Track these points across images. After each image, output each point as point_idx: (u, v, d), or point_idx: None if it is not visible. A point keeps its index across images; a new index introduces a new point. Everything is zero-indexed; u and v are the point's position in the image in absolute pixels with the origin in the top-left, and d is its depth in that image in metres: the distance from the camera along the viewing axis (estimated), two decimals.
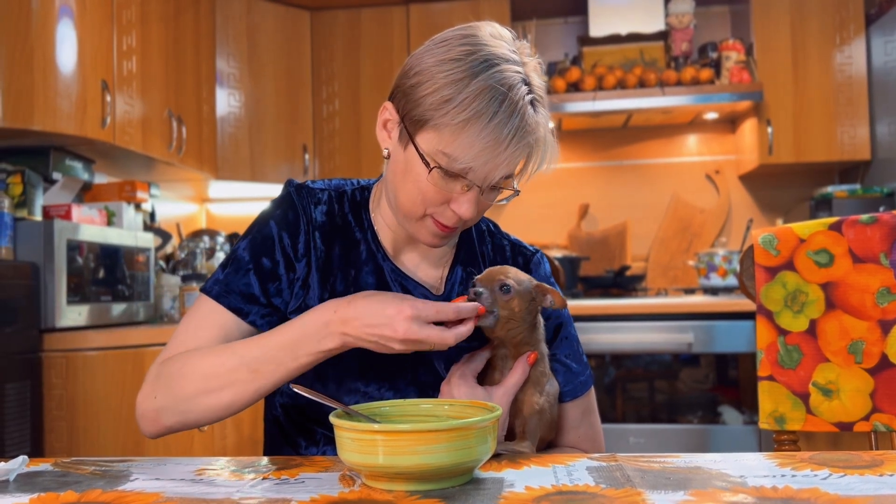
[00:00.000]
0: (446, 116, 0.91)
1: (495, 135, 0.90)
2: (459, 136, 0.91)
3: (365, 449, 0.74)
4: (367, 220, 1.09)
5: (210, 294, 1.04)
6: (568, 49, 3.61)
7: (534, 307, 1.00)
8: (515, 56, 0.95)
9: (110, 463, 0.90)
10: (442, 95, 0.91)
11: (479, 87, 0.90)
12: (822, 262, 1.30)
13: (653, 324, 2.86)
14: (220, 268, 1.07)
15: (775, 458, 0.86)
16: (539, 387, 1.01)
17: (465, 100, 0.90)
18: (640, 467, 0.82)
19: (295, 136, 3.46)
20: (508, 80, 0.91)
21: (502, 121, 0.90)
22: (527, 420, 0.99)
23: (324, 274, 1.06)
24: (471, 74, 0.91)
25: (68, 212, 2.28)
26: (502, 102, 0.90)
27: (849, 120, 3.17)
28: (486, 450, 0.77)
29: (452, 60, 0.92)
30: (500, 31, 0.98)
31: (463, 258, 1.12)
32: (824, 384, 1.27)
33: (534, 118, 0.93)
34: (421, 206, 0.97)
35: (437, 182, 0.94)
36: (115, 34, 2.49)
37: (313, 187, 1.10)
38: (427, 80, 0.93)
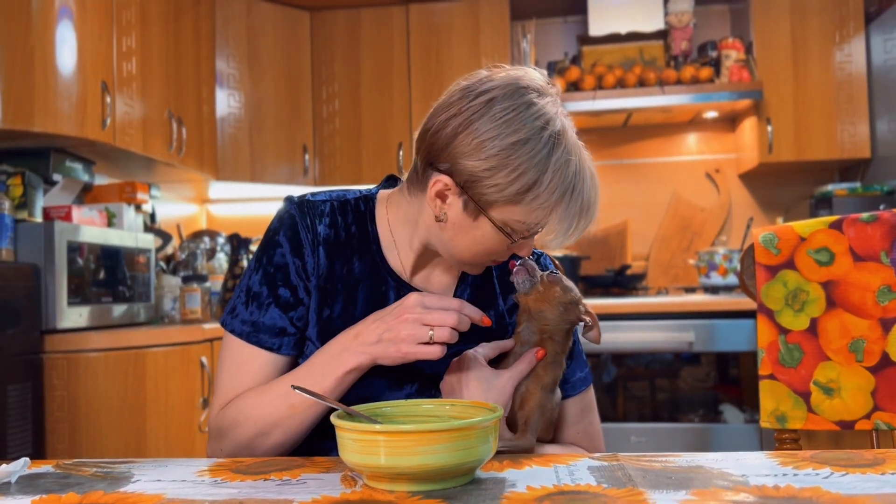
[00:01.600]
0: (535, 198, 0.93)
1: (575, 208, 0.94)
2: (552, 215, 0.95)
3: (366, 449, 0.74)
4: (372, 232, 1.09)
5: (240, 336, 1.05)
6: (567, 48, 3.61)
7: (568, 320, 1.03)
8: (560, 106, 0.98)
9: (112, 464, 0.90)
10: (526, 182, 0.92)
11: (554, 170, 0.93)
12: (822, 261, 1.30)
13: (654, 323, 2.86)
14: (242, 305, 1.07)
15: (777, 457, 0.86)
16: (545, 388, 1.02)
17: (550, 183, 0.93)
18: (642, 467, 0.82)
19: (295, 137, 3.46)
20: (571, 151, 0.94)
21: (579, 194, 0.94)
22: (529, 414, 1.00)
23: (323, 291, 1.06)
24: (546, 155, 0.92)
25: (69, 213, 2.28)
26: (574, 177, 0.94)
27: (849, 118, 3.17)
28: (487, 450, 0.77)
29: (523, 142, 0.92)
30: (537, 77, 0.98)
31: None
32: (825, 383, 1.27)
33: (591, 192, 0.97)
34: (486, 257, 1.02)
35: (504, 239, 0.98)
36: (115, 35, 2.49)
37: (314, 200, 1.09)
38: (503, 166, 0.92)
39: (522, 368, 1.01)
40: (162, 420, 2.27)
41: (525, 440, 0.99)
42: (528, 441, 0.99)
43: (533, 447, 0.99)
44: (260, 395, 1.01)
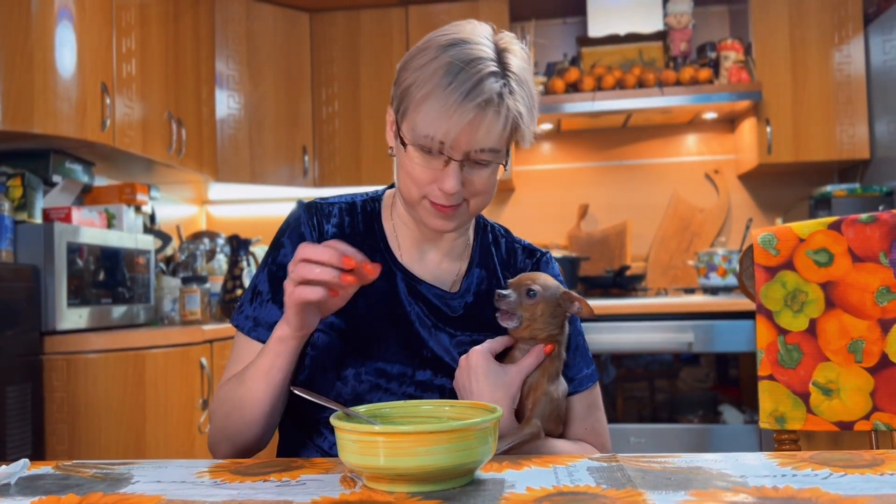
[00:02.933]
0: (410, 97, 0.97)
1: (444, 100, 0.94)
2: (420, 109, 0.96)
3: (366, 450, 0.74)
4: (379, 231, 1.13)
5: (242, 330, 1.10)
6: (567, 49, 3.61)
7: (560, 312, 1.06)
8: (486, 39, 0.99)
9: (111, 466, 0.90)
10: (409, 81, 0.98)
11: (437, 65, 0.96)
12: (821, 262, 1.30)
13: (653, 323, 2.86)
14: (248, 302, 1.12)
15: (776, 458, 0.86)
16: (551, 378, 1.05)
17: (424, 78, 0.96)
18: (641, 467, 0.82)
19: (295, 138, 3.46)
20: (469, 55, 0.95)
21: (454, 88, 0.94)
22: (536, 401, 1.03)
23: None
24: (433, 57, 0.96)
25: (68, 214, 2.28)
26: (457, 74, 0.94)
27: (848, 119, 3.17)
28: (487, 451, 0.77)
29: (422, 49, 0.99)
30: (481, 24, 1.04)
31: (479, 260, 1.16)
32: (824, 383, 1.27)
33: (493, 84, 0.95)
34: (414, 188, 1.02)
35: (417, 160, 1.00)
36: (115, 36, 2.49)
37: (323, 203, 1.14)
38: (402, 72, 1.01)
39: (531, 363, 1.04)
40: (161, 421, 2.27)
41: (531, 426, 1.01)
42: (535, 425, 1.01)
43: (539, 430, 1.01)
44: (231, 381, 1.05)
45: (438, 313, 1.10)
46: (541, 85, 3.31)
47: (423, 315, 1.10)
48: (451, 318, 1.10)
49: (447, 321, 1.10)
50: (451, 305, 1.11)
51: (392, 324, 1.08)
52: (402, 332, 1.08)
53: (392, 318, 1.09)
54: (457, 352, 1.09)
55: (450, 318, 1.10)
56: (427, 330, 1.09)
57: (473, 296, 1.13)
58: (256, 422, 1.02)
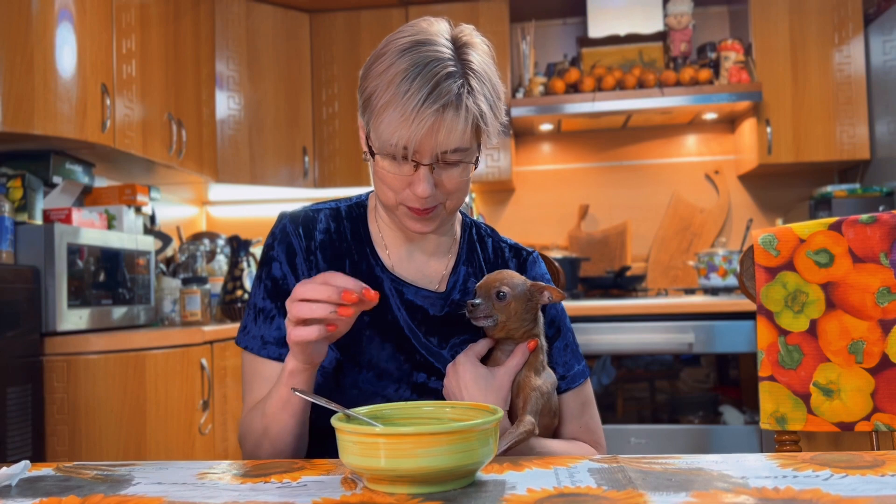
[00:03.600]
0: (372, 106, 0.97)
1: (403, 107, 0.94)
2: (382, 118, 0.96)
3: (367, 452, 0.74)
4: (365, 235, 1.13)
5: (251, 350, 1.10)
6: (567, 50, 3.61)
7: (532, 305, 1.07)
8: (444, 39, 0.98)
9: (112, 467, 0.90)
10: (370, 89, 0.98)
11: (395, 71, 0.95)
12: (822, 262, 1.30)
13: (653, 324, 2.86)
14: (251, 321, 1.12)
15: (777, 459, 0.86)
16: (537, 372, 1.06)
17: (383, 86, 0.96)
18: (642, 469, 0.82)
19: (295, 139, 3.46)
20: (426, 58, 0.95)
21: (411, 95, 0.93)
22: (528, 396, 1.04)
23: None
24: (391, 63, 0.96)
25: (69, 215, 2.28)
26: (414, 79, 0.93)
27: (848, 119, 3.17)
28: (488, 452, 0.77)
29: (381, 55, 0.99)
30: (438, 21, 1.03)
31: (465, 258, 1.16)
32: (825, 384, 1.27)
33: (451, 85, 0.95)
34: (390, 194, 1.02)
35: (387, 167, 1.00)
36: (115, 38, 2.49)
37: (308, 211, 1.14)
38: (364, 80, 1.01)
39: (517, 363, 1.05)
40: (162, 422, 2.27)
41: (525, 423, 1.01)
42: (529, 422, 1.01)
43: (534, 427, 1.02)
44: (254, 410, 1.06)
45: (426, 316, 1.10)
46: (541, 85, 3.31)
47: (412, 320, 1.10)
48: (439, 318, 1.11)
49: (436, 323, 1.10)
50: (438, 305, 1.11)
51: (384, 330, 1.09)
52: (393, 338, 1.09)
53: (383, 324, 1.09)
54: (449, 354, 1.09)
55: (438, 320, 1.11)
56: (416, 334, 1.10)
57: (460, 293, 1.13)
58: (287, 447, 1.03)
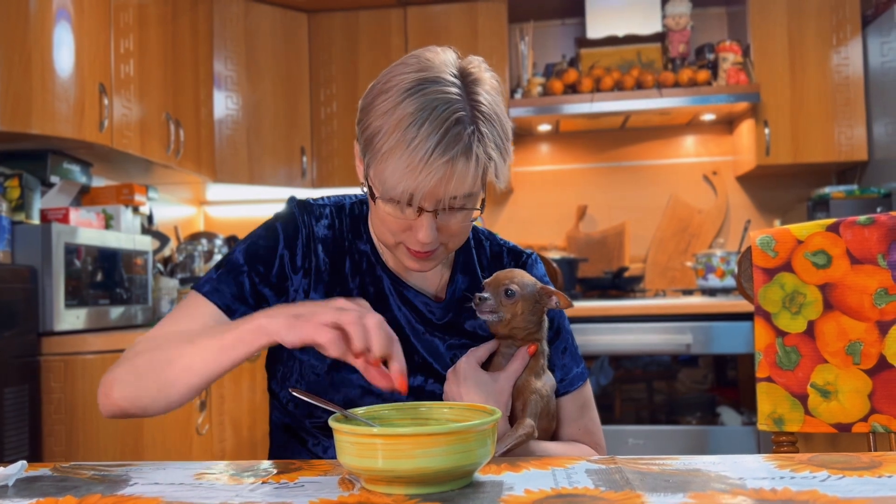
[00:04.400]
0: (375, 148, 0.94)
1: (410, 157, 0.90)
2: (386, 164, 0.92)
3: (364, 453, 0.74)
4: (366, 234, 1.12)
5: (201, 291, 1.05)
6: (565, 51, 3.61)
7: (539, 308, 1.06)
8: (452, 76, 0.94)
9: (109, 467, 0.90)
10: (373, 129, 0.94)
11: (399, 115, 0.91)
12: (819, 264, 1.30)
13: (651, 325, 2.86)
14: (214, 269, 1.08)
15: (774, 460, 0.86)
16: (537, 375, 1.06)
17: (388, 130, 0.92)
18: (640, 470, 0.82)
19: (293, 139, 3.46)
20: (433, 102, 0.91)
21: (419, 144, 0.89)
22: (527, 399, 1.04)
23: (328, 286, 1.08)
24: (396, 104, 0.92)
25: (66, 215, 2.28)
26: (421, 126, 0.90)
27: (846, 121, 3.17)
28: (485, 453, 0.77)
29: (384, 92, 0.95)
30: (444, 51, 0.98)
31: (462, 266, 1.15)
32: (822, 385, 1.27)
33: (461, 133, 0.91)
34: (388, 235, 1.00)
35: (388, 210, 0.97)
36: (113, 37, 2.49)
37: (314, 203, 1.13)
38: (365, 115, 0.97)
39: (517, 367, 1.05)
40: (159, 423, 2.27)
41: (524, 426, 1.01)
42: (529, 425, 1.01)
43: (533, 430, 1.02)
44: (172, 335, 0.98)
45: (425, 319, 1.10)
46: (539, 86, 3.31)
47: (413, 320, 1.09)
48: (437, 325, 1.10)
49: (435, 327, 1.10)
50: (437, 314, 1.11)
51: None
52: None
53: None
54: (449, 356, 1.09)
55: (437, 325, 1.10)
56: (416, 335, 1.09)
57: (457, 302, 1.12)
58: (177, 389, 0.94)
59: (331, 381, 1.05)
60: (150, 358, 0.97)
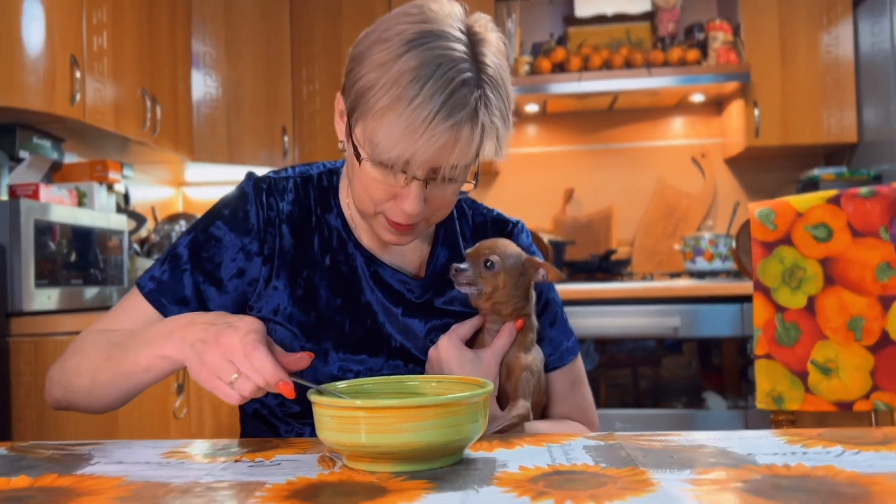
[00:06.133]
0: (368, 103, 0.84)
1: (411, 117, 0.81)
2: (380, 122, 0.83)
3: (346, 427, 0.69)
4: (336, 207, 1.03)
5: (142, 291, 0.99)
6: (553, 29, 3.55)
7: (524, 281, 1.00)
8: (458, 32, 0.86)
9: (72, 447, 0.84)
10: (367, 81, 0.85)
11: (400, 69, 0.82)
12: (820, 237, 1.26)
13: (639, 307, 2.82)
14: (159, 262, 1.01)
15: (783, 436, 0.81)
16: (527, 350, 1.00)
17: (386, 84, 0.83)
18: (641, 446, 0.77)
19: (274, 118, 3.38)
20: (437, 58, 0.82)
21: (422, 103, 0.81)
22: (518, 379, 0.97)
23: (293, 269, 1.00)
24: (396, 56, 0.83)
25: (36, 191, 2.19)
26: (424, 84, 0.81)
27: (836, 102, 3.14)
28: (476, 427, 0.72)
29: (383, 41, 0.85)
30: (448, 3, 0.89)
31: (443, 238, 1.07)
32: (823, 362, 1.23)
33: (468, 96, 0.83)
34: (369, 202, 0.91)
35: (374, 175, 0.88)
36: (85, 8, 2.39)
37: (276, 177, 1.03)
38: (358, 65, 0.87)
39: (504, 343, 0.98)
40: (135, 405, 2.19)
41: (518, 407, 0.95)
42: (523, 407, 0.95)
43: (528, 411, 0.96)
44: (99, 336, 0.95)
45: (403, 300, 1.02)
46: (526, 65, 3.24)
47: (388, 302, 1.01)
48: (416, 304, 1.02)
49: (414, 308, 1.02)
50: (416, 292, 1.02)
51: (355, 313, 1.00)
52: (366, 322, 1.00)
53: (355, 308, 1.00)
54: (429, 339, 1.01)
55: (416, 305, 1.02)
56: (392, 318, 1.01)
57: (437, 279, 1.04)
58: (102, 402, 0.94)
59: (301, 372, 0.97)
60: (76, 364, 0.94)
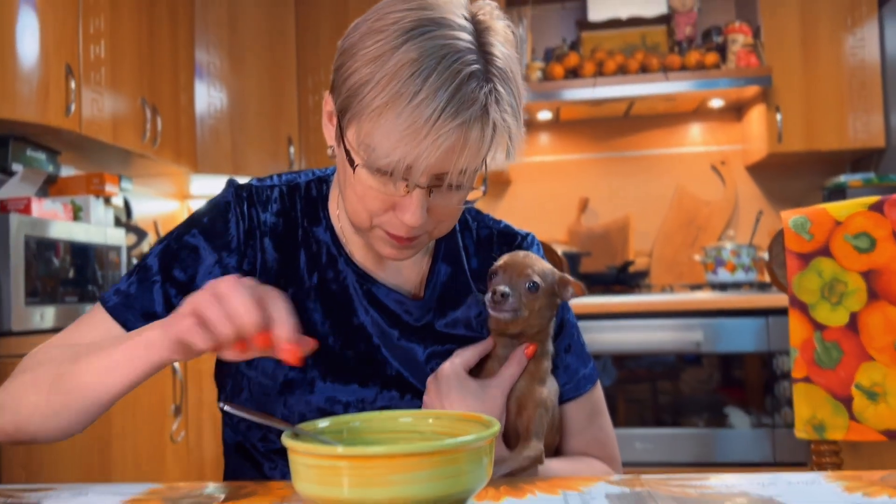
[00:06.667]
0: (362, 102, 0.74)
1: (412, 116, 0.72)
2: (377, 123, 0.74)
3: (326, 479, 0.58)
4: (325, 219, 0.93)
5: (106, 305, 0.88)
6: (566, 34, 3.45)
7: (554, 302, 0.89)
8: (462, 20, 0.76)
9: (20, 492, 0.74)
10: (360, 76, 0.75)
11: (399, 62, 0.72)
12: (862, 247, 1.15)
13: (659, 321, 2.71)
14: (126, 275, 0.91)
15: (838, 480, 0.70)
16: (541, 382, 0.88)
17: (383, 79, 0.73)
18: (673, 494, 0.66)
19: (279, 128, 3.30)
20: (441, 49, 0.73)
21: (425, 99, 0.71)
22: (531, 417, 0.85)
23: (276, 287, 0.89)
24: (393, 47, 0.73)
25: (27, 205, 2.11)
26: (427, 78, 0.72)
27: (862, 106, 3.01)
28: (479, 476, 0.61)
29: (377, 32, 0.75)
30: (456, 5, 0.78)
31: (444, 253, 0.96)
32: (869, 386, 1.11)
33: (476, 91, 0.73)
34: (364, 214, 0.81)
35: (370, 183, 0.78)
36: (81, 15, 2.31)
37: (261, 185, 0.93)
38: (349, 59, 0.77)
39: (513, 373, 0.86)
40: (130, 429, 2.10)
41: (530, 448, 0.83)
42: (535, 448, 0.83)
43: (542, 454, 0.84)
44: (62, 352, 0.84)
45: (400, 322, 0.91)
46: (539, 71, 3.14)
47: (384, 324, 0.91)
48: (415, 327, 0.92)
49: (412, 331, 0.91)
50: (414, 314, 0.92)
51: (347, 337, 0.89)
52: (359, 347, 0.89)
53: (347, 330, 0.90)
54: (429, 367, 0.90)
55: (414, 328, 0.91)
56: (388, 342, 0.90)
57: (438, 299, 0.93)
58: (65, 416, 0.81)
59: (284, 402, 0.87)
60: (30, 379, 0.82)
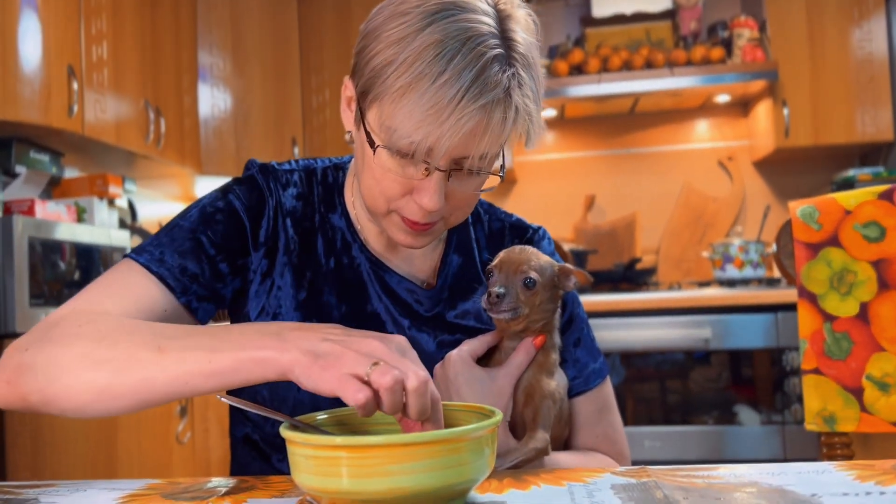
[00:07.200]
0: (385, 83, 0.74)
1: (436, 97, 0.72)
2: (399, 104, 0.74)
3: (325, 470, 0.57)
4: (340, 206, 0.93)
5: (138, 260, 0.83)
6: (570, 30, 3.44)
7: (556, 294, 0.88)
8: (485, 5, 0.76)
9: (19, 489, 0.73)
10: (383, 58, 0.75)
11: (423, 44, 0.73)
12: (872, 237, 1.13)
13: (667, 319, 2.69)
14: (154, 237, 0.87)
15: (849, 470, 0.68)
16: (549, 374, 0.87)
17: (406, 60, 0.73)
18: (680, 484, 0.64)
19: (283, 129, 3.29)
20: (465, 32, 0.73)
21: (449, 80, 0.72)
22: (538, 407, 0.84)
23: (298, 270, 0.90)
24: (417, 29, 0.73)
25: (31, 207, 2.11)
26: (451, 59, 0.72)
27: (870, 99, 2.99)
28: (482, 466, 0.59)
29: (401, 14, 0.76)
30: None
31: (456, 244, 0.97)
32: (880, 377, 1.10)
33: (499, 74, 0.74)
34: (381, 198, 0.81)
35: (389, 165, 0.78)
36: (83, 16, 2.32)
37: (279, 168, 0.94)
38: (372, 41, 0.77)
39: (520, 362, 0.85)
40: (135, 430, 2.09)
41: (537, 440, 0.82)
42: (542, 439, 0.82)
43: (547, 445, 0.83)
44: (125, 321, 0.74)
45: (411, 311, 0.92)
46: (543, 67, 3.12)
47: (396, 313, 0.91)
48: (425, 317, 0.92)
49: (423, 321, 0.92)
50: (425, 304, 0.92)
51: (361, 324, 0.89)
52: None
53: (361, 318, 0.90)
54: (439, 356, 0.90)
55: (425, 318, 0.92)
56: (400, 331, 0.90)
57: (449, 290, 0.94)
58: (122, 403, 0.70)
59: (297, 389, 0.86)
60: (88, 351, 0.71)
